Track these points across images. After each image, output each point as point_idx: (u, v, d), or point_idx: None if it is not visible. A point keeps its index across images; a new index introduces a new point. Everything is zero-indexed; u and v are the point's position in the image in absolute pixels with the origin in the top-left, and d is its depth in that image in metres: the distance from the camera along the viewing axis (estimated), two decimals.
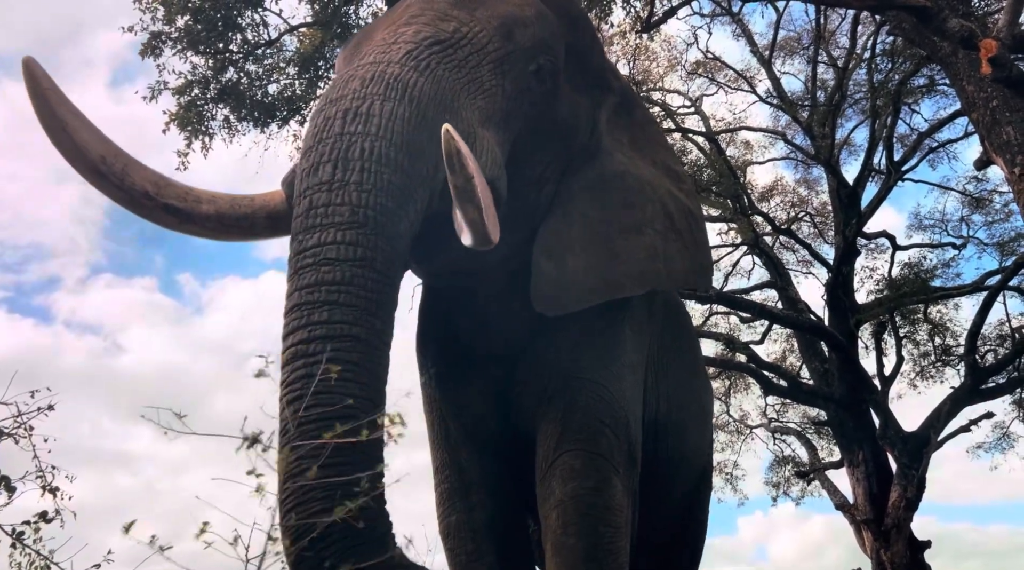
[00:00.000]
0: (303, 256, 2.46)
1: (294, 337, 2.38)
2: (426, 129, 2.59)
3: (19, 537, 2.83)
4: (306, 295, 2.40)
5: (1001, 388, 13.54)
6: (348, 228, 2.45)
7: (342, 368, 2.31)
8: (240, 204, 2.71)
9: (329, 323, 2.37)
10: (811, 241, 16.00)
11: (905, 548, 11.96)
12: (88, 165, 2.56)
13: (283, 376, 2.38)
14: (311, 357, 2.34)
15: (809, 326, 13.74)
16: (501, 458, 3.65)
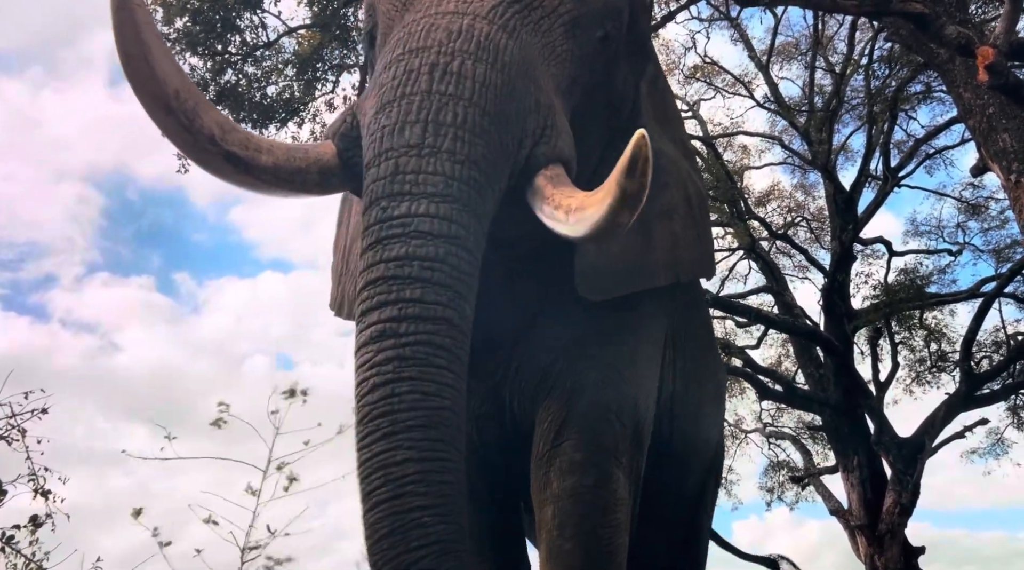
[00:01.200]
0: (390, 224, 2.27)
1: (382, 313, 2.21)
2: (515, 99, 2.45)
3: (9, 541, 2.82)
4: (395, 268, 2.23)
5: (996, 394, 13.57)
6: (441, 201, 2.29)
7: (436, 353, 2.18)
8: (295, 156, 2.51)
9: (422, 302, 2.22)
10: (807, 246, 16.03)
11: (899, 554, 11.97)
12: (162, 100, 2.31)
13: (367, 354, 2.20)
14: (402, 337, 2.18)
15: (805, 331, 13.76)
16: (502, 455, 3.50)
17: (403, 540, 2.03)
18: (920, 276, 14.85)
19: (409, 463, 2.08)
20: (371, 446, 2.11)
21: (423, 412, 2.14)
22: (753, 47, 15.39)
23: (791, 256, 16.48)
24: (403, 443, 2.09)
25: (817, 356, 14.28)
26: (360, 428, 2.14)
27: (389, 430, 2.10)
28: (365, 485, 2.10)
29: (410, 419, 2.11)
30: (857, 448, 13.06)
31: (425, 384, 2.16)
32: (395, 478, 2.07)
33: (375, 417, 2.12)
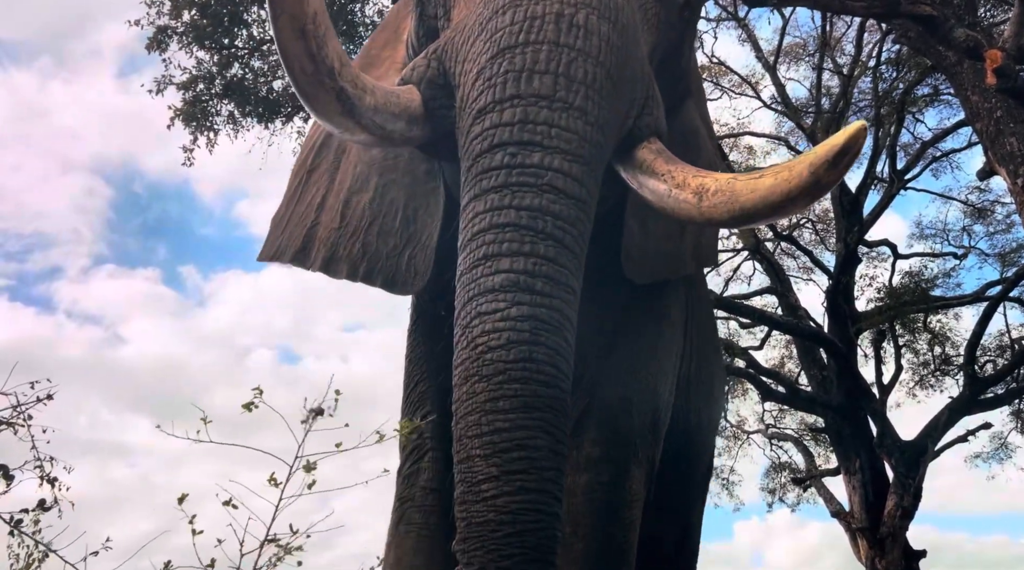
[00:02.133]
0: (521, 171, 2.14)
1: (515, 261, 2.07)
2: (630, 65, 2.35)
3: (17, 525, 2.84)
4: (528, 218, 2.10)
5: (1000, 399, 13.55)
6: (574, 161, 2.17)
7: (565, 324, 2.07)
8: (390, 102, 2.34)
9: (556, 263, 2.10)
10: (812, 248, 16.02)
11: (900, 557, 11.96)
12: (299, 21, 2.13)
13: (499, 303, 2.04)
14: (537, 296, 2.05)
15: (808, 333, 13.74)
16: None
17: (544, 546, 1.95)
18: (925, 279, 14.82)
19: (550, 456, 1.99)
20: (508, 414, 1.97)
21: (557, 392, 2.03)
22: (760, 48, 15.37)
23: (796, 257, 16.47)
24: (543, 426, 1.99)
25: (820, 358, 14.27)
26: (488, 383, 1.99)
27: (529, 402, 1.98)
28: (501, 458, 1.96)
29: (548, 397, 2.01)
30: (859, 451, 13.05)
31: (559, 359, 2.05)
32: (539, 467, 1.96)
33: (512, 380, 1.98)
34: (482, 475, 1.96)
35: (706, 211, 2.17)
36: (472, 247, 2.15)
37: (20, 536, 2.84)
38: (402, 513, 3.26)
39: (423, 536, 3.15)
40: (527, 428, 1.97)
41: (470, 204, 2.19)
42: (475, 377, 2.02)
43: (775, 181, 2.06)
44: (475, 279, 2.10)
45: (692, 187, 2.20)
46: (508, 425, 1.96)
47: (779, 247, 16.09)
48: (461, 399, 2.05)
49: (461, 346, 2.09)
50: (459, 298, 2.14)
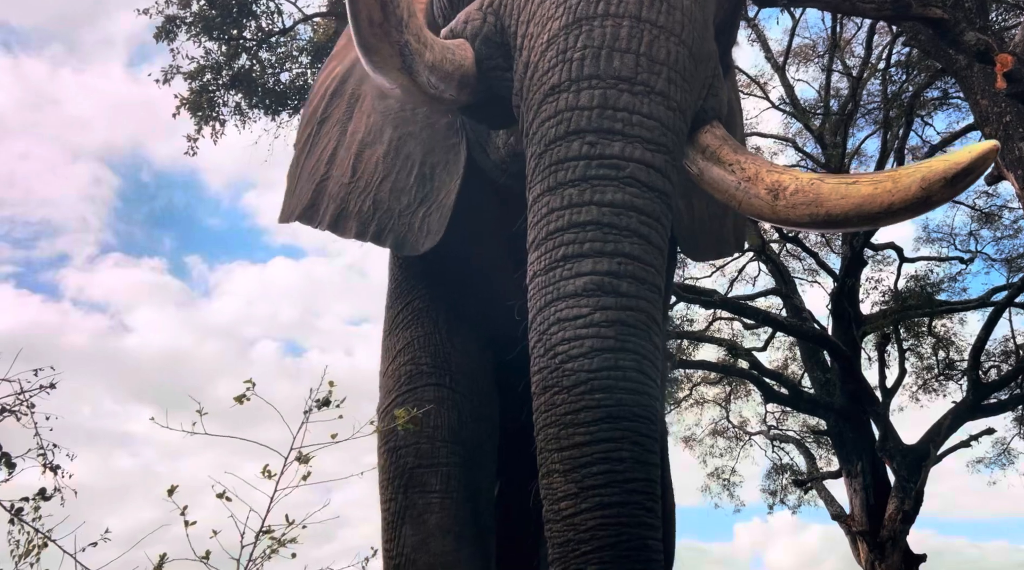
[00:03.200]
0: (600, 163, 1.99)
1: (598, 263, 1.93)
2: (707, 40, 2.20)
3: (18, 513, 2.84)
4: (611, 215, 1.96)
5: (1003, 404, 13.51)
6: (657, 150, 2.02)
7: (651, 327, 1.94)
8: (446, 58, 2.17)
9: (642, 262, 1.96)
10: (818, 250, 15.96)
11: (900, 561, 11.95)
12: None
13: (581, 309, 1.91)
14: (623, 298, 1.91)
15: (812, 335, 13.71)
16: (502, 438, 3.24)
17: (626, 558, 1.82)
18: (930, 283, 14.78)
19: (636, 467, 1.86)
20: (589, 426, 1.85)
21: (646, 400, 1.91)
22: (770, 48, 15.32)
23: (801, 259, 16.42)
24: (629, 436, 1.86)
25: (824, 360, 14.24)
26: (569, 395, 1.88)
27: (614, 411, 1.85)
28: (580, 474, 1.85)
29: (635, 406, 1.88)
30: (861, 454, 13.03)
31: (647, 364, 1.92)
32: (622, 480, 1.84)
33: (595, 390, 1.85)
34: (561, 493, 1.87)
35: (782, 211, 2.04)
36: (548, 247, 2.00)
37: (21, 524, 2.84)
38: (408, 476, 2.96)
39: (446, 508, 2.92)
40: (610, 440, 1.85)
41: (544, 197, 2.04)
42: (554, 388, 1.91)
43: (874, 190, 1.93)
44: (553, 282, 1.97)
45: (767, 183, 2.06)
46: (588, 438, 1.85)
47: (785, 249, 16.06)
48: (540, 410, 1.95)
49: (538, 353, 1.97)
50: (534, 301, 2.02)
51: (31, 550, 2.80)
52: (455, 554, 2.83)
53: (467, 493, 2.98)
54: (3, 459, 2.85)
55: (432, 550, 2.81)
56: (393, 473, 3.00)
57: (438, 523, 2.86)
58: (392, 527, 2.93)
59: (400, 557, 2.86)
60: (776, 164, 2.19)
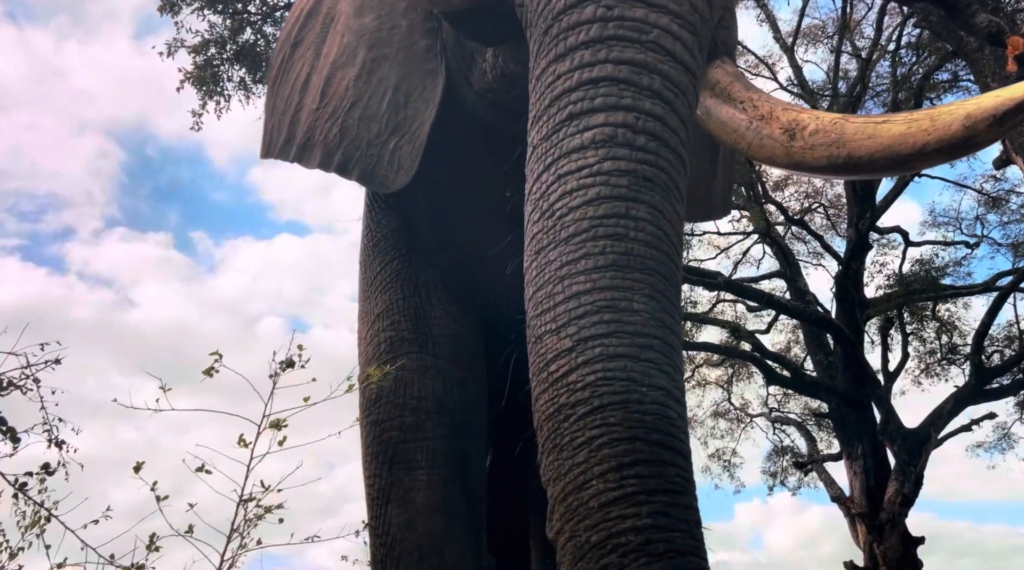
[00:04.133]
0: (619, 24, 1.72)
1: (610, 115, 1.65)
2: None
3: (22, 488, 2.87)
4: (629, 72, 1.67)
5: (1005, 389, 13.51)
6: (684, 26, 1.76)
7: (675, 190, 1.67)
8: None
9: (664, 123, 1.68)
10: (823, 233, 15.91)
11: (899, 543, 12.01)
12: None
13: (587, 159, 1.63)
14: (639, 152, 1.62)
15: (816, 318, 13.70)
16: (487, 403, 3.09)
17: (639, 423, 1.48)
18: (935, 267, 14.73)
19: (651, 322, 1.54)
20: (590, 273, 1.55)
21: (662, 257, 1.60)
22: (779, 28, 15.16)
23: (806, 242, 16.37)
24: (642, 287, 1.55)
25: (827, 343, 14.24)
26: (567, 245, 1.60)
27: (621, 260, 1.55)
28: (578, 324, 1.54)
29: (648, 258, 1.57)
30: (862, 437, 13.06)
31: (664, 222, 1.63)
32: (632, 332, 1.53)
33: (600, 237, 1.57)
34: (552, 352, 1.57)
35: (797, 153, 1.79)
36: (551, 113, 1.72)
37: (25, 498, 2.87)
38: (393, 452, 2.81)
39: (433, 486, 2.77)
40: (617, 289, 1.55)
41: (549, 68, 1.76)
42: (550, 246, 1.62)
43: (907, 129, 1.69)
44: (556, 143, 1.69)
45: (782, 122, 1.83)
46: (589, 286, 1.56)
47: (790, 231, 16.00)
48: (532, 273, 1.67)
49: (534, 219, 1.70)
50: (532, 171, 1.75)
51: (37, 521, 2.83)
52: (445, 534, 2.71)
53: (455, 467, 2.83)
54: (8, 433, 2.86)
55: (421, 530, 2.69)
56: (377, 448, 2.85)
57: (425, 502, 2.73)
58: (377, 504, 2.80)
59: (387, 536, 2.75)
60: (787, 102, 1.99)
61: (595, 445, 1.48)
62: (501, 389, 3.15)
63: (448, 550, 2.65)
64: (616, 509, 1.45)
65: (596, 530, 1.45)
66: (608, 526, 1.44)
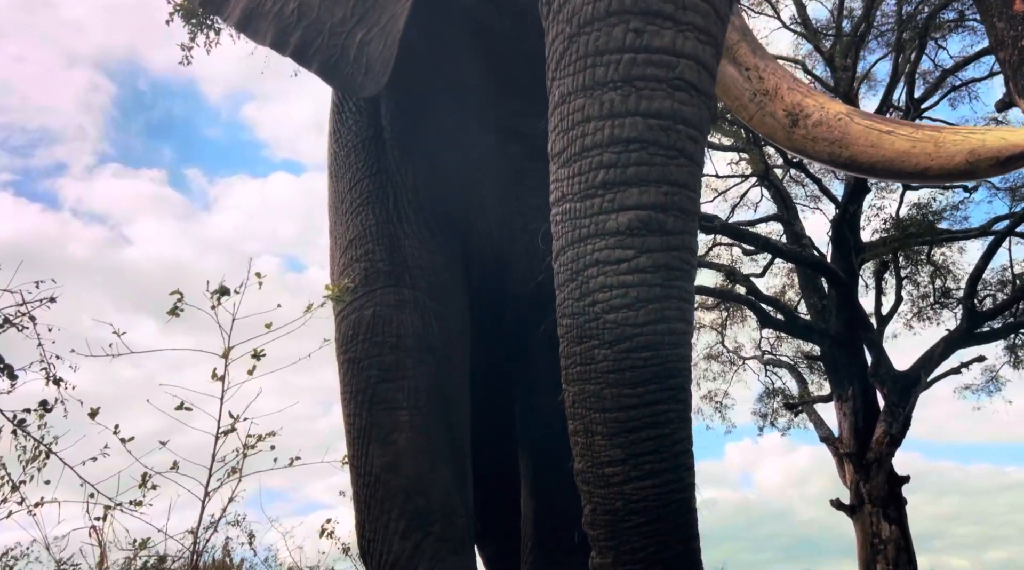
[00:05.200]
0: (647, 59, 1.70)
1: (644, 194, 1.69)
2: None
3: (21, 424, 2.89)
4: (659, 130, 1.70)
5: (995, 333, 13.64)
6: (707, 43, 1.74)
7: (691, 262, 1.77)
8: None
9: (688, 189, 1.74)
10: (821, 176, 15.80)
11: (884, 482, 12.28)
12: None
13: (626, 251, 1.69)
14: (669, 237, 1.70)
15: (812, 262, 13.72)
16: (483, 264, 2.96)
17: (679, 527, 1.74)
18: (933, 211, 14.68)
19: (680, 426, 1.75)
20: (636, 387, 1.70)
21: (686, 351, 1.78)
22: None
23: (804, 185, 16.27)
24: (675, 394, 1.74)
25: (821, 287, 14.30)
26: (612, 350, 1.71)
27: (660, 371, 1.70)
28: (627, 439, 1.71)
29: (679, 361, 1.74)
30: (853, 379, 13.23)
31: (687, 308, 1.77)
32: (670, 443, 1.73)
33: (641, 348, 1.69)
34: (605, 458, 1.74)
35: (799, 141, 1.84)
36: (584, 166, 1.73)
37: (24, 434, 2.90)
38: (373, 392, 2.71)
39: (416, 426, 2.68)
40: (658, 403, 1.72)
41: (576, 98, 1.74)
42: (594, 340, 1.72)
43: (911, 149, 1.73)
44: (590, 214, 1.72)
45: (786, 103, 1.85)
46: (636, 401, 1.71)
47: (788, 174, 15.89)
48: (575, 361, 1.77)
49: (571, 296, 1.76)
50: (564, 230, 1.78)
51: (37, 456, 2.87)
52: (430, 474, 2.64)
53: (438, 405, 2.74)
54: (5, 370, 2.88)
55: (405, 472, 2.62)
56: (356, 387, 2.74)
57: (409, 443, 2.64)
58: (358, 444, 2.72)
59: (370, 476, 2.67)
60: (799, 80, 1.97)
61: (646, 554, 1.72)
62: (483, 324, 3.09)
63: (433, 490, 2.61)
64: None
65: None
66: None
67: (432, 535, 2.54)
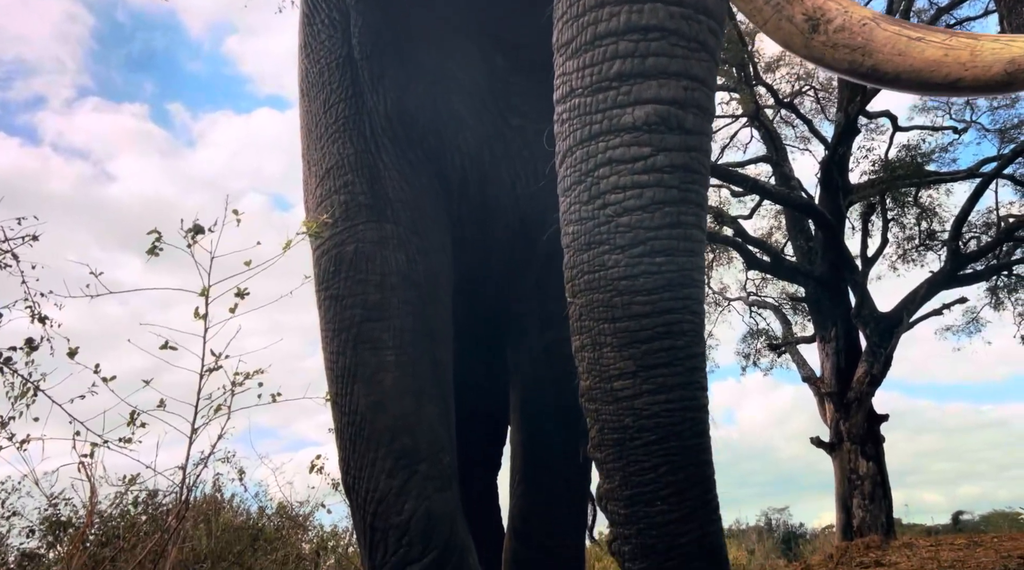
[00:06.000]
0: None
1: (664, 87, 1.58)
2: None
3: (7, 362, 2.90)
4: (680, 19, 1.60)
5: (978, 274, 13.79)
6: None
7: (706, 165, 1.67)
8: None
9: (707, 86, 1.65)
10: (812, 117, 15.71)
11: (864, 420, 12.56)
12: None
13: (642, 149, 1.60)
14: (689, 136, 1.60)
15: (799, 204, 13.73)
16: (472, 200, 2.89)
17: (691, 448, 1.64)
18: (921, 153, 14.67)
19: (695, 340, 1.66)
20: (650, 294, 1.61)
21: (701, 260, 1.68)
22: None
23: (794, 126, 16.18)
24: (689, 304, 1.64)
25: (808, 229, 14.34)
26: (624, 255, 1.60)
27: (675, 278, 1.61)
28: (639, 350, 1.62)
29: (694, 269, 1.65)
30: (836, 320, 13.39)
31: (701, 213, 1.66)
32: (684, 356, 1.63)
33: (656, 252, 1.60)
34: (615, 370, 1.64)
35: (818, 48, 1.66)
36: (596, 57, 1.61)
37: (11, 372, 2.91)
38: (357, 331, 2.66)
39: (402, 366, 2.66)
40: (672, 312, 1.62)
41: None
42: (604, 246, 1.63)
43: (943, 57, 1.58)
44: (603, 108, 1.61)
45: (806, 6, 1.68)
46: (649, 309, 1.61)
47: (779, 115, 15.77)
48: (581, 270, 1.68)
49: (579, 199, 1.66)
50: (570, 126, 1.67)
51: (25, 393, 2.88)
52: (416, 414, 2.64)
53: (423, 344, 2.71)
54: None
55: (391, 411, 2.62)
56: (339, 325, 2.70)
57: (395, 383, 2.63)
58: (342, 382, 2.70)
59: (355, 415, 2.66)
60: None
61: (657, 474, 1.62)
62: (471, 260, 3.05)
63: (420, 429, 2.62)
64: None
65: None
66: None
67: (419, 474, 2.57)
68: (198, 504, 5.37)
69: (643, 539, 1.61)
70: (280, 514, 6.35)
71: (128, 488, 3.18)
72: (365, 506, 2.61)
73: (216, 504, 5.82)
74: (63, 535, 4.74)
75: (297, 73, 3.02)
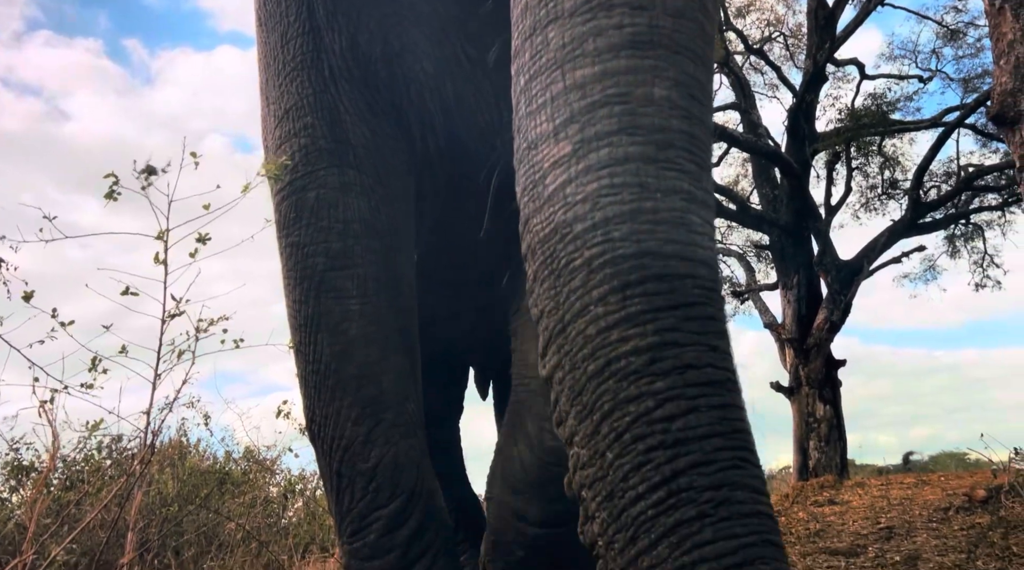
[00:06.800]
0: None
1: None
2: None
3: None
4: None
5: (937, 223, 14.08)
6: None
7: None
8: None
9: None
10: (781, 63, 15.67)
11: (822, 365, 12.89)
12: None
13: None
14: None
15: (766, 151, 13.80)
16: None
17: None
18: (887, 102, 14.77)
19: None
20: (616, 70, 1.27)
21: (699, 37, 1.38)
22: None
23: (763, 73, 16.16)
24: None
25: (774, 177, 14.45)
26: (581, 16, 1.30)
27: None
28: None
29: (683, 39, 1.33)
30: (799, 268, 13.61)
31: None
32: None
33: (621, 4, 1.29)
34: (548, 159, 1.32)
35: None
36: None
37: None
38: (320, 280, 2.60)
39: (366, 315, 2.62)
40: (636, 72, 1.28)
41: None
42: (548, 20, 1.33)
43: None
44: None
45: None
46: (598, 71, 1.28)
47: (748, 61, 15.71)
48: (524, 55, 1.38)
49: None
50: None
51: None
52: (382, 363, 2.61)
53: (388, 293, 2.67)
54: None
55: (356, 361, 2.58)
56: (301, 274, 2.64)
57: (360, 333, 2.59)
58: (305, 331, 2.65)
59: (319, 364, 2.61)
60: None
61: (595, 265, 1.24)
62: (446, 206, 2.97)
63: (386, 378, 2.60)
64: (616, 332, 1.23)
65: (593, 359, 1.23)
66: (606, 352, 1.22)
67: (384, 421, 2.57)
68: (163, 449, 5.36)
69: None
70: (247, 458, 6.39)
71: (91, 433, 3.15)
72: (331, 453, 2.61)
73: (182, 449, 5.83)
74: (25, 479, 4.71)
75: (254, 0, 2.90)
